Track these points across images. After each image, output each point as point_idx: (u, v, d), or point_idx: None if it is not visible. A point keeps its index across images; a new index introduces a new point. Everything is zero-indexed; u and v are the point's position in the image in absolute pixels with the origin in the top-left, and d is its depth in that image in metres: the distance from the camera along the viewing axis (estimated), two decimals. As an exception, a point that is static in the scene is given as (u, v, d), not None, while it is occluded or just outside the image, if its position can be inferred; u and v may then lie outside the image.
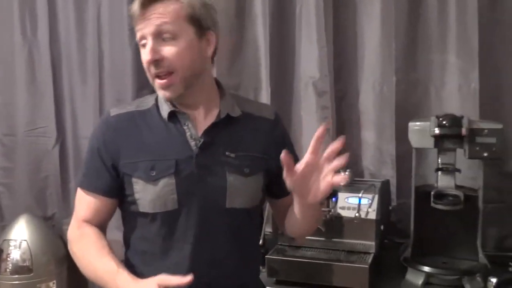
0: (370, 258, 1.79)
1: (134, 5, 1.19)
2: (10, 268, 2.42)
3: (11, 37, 2.66)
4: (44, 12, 2.61)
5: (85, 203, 1.31)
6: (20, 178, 2.68)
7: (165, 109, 1.27)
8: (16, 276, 2.41)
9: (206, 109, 1.28)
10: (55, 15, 2.61)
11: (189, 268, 1.22)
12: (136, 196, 1.24)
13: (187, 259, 1.25)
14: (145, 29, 1.18)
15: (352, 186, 2.00)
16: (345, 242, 1.88)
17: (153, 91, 1.29)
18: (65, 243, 2.59)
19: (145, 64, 1.23)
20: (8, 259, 2.43)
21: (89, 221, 1.31)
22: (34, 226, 2.47)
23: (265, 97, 2.36)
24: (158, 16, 1.17)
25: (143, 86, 2.43)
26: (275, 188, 1.35)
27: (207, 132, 1.25)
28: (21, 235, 2.43)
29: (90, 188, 1.30)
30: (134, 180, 1.24)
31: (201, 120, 1.27)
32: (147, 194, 1.23)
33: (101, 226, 1.33)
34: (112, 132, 1.28)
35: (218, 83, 1.35)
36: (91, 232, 1.29)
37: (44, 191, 2.68)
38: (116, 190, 1.28)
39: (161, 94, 1.24)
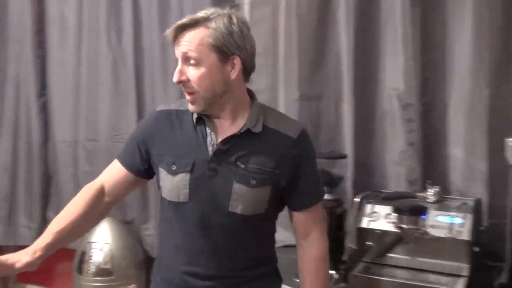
0: (462, 282, 1.71)
1: (168, 31, 1.35)
2: (92, 270, 2.49)
3: (96, 45, 2.75)
4: (129, 20, 2.68)
5: (112, 169, 1.51)
6: (101, 183, 2.74)
7: (195, 114, 1.43)
8: (98, 278, 2.48)
9: (232, 119, 1.41)
10: (139, 24, 2.67)
11: (184, 256, 1.41)
12: (161, 183, 1.44)
13: (185, 247, 1.42)
14: (177, 53, 1.36)
15: (441, 203, 1.93)
16: (433, 263, 1.81)
17: None
18: (144, 249, 2.68)
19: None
20: (90, 261, 2.51)
21: (105, 185, 1.48)
22: (116, 230, 2.54)
23: (346, 108, 2.31)
24: (185, 44, 1.33)
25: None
26: (287, 200, 1.47)
27: (224, 141, 1.39)
28: (104, 238, 2.50)
29: (120, 159, 1.51)
30: (160, 169, 1.43)
31: (226, 129, 1.40)
32: (167, 183, 1.41)
33: (112, 194, 1.48)
34: (152, 125, 1.48)
35: (252, 96, 1.45)
36: (75, 203, 1.45)
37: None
38: (140, 170, 1.47)
39: (189, 107, 1.41)
